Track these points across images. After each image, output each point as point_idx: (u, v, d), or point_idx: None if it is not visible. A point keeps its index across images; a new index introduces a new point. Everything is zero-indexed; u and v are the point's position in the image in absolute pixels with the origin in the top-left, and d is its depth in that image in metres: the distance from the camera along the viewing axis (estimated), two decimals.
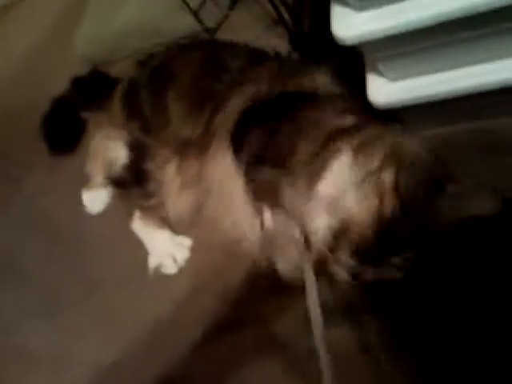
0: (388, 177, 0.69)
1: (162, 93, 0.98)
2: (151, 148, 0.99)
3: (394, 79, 0.82)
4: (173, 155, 0.96)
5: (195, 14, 1.26)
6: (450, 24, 0.67)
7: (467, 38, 0.72)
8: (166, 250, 0.98)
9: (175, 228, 1.01)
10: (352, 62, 0.88)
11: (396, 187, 0.68)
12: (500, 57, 0.75)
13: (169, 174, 0.97)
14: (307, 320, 0.72)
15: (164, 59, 1.05)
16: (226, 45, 1.03)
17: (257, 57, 0.96)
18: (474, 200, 0.66)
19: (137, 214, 1.02)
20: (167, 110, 0.96)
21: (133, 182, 1.01)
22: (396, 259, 0.68)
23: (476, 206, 0.65)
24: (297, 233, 0.75)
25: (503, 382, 0.66)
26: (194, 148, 0.92)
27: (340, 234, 0.71)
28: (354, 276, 0.71)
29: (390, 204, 0.68)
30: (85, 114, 1.20)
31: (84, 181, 1.15)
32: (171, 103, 0.96)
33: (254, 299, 0.84)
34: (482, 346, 0.68)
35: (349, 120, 0.78)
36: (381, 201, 0.68)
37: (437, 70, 0.79)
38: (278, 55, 0.97)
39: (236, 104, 0.87)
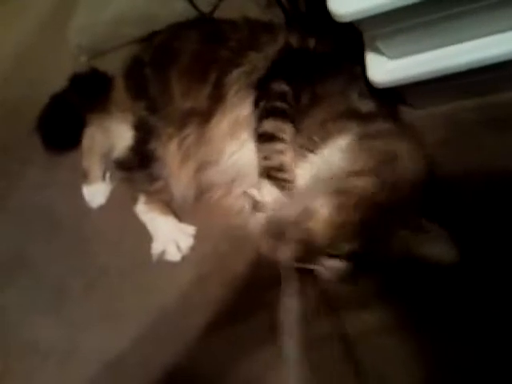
0: (361, 185, 0.70)
1: (165, 71, 0.99)
2: (156, 128, 0.99)
3: (394, 57, 0.80)
4: (174, 132, 0.97)
5: None
6: None
7: (467, 12, 0.70)
8: (170, 236, 0.97)
9: (180, 215, 1.01)
10: (350, 41, 0.87)
11: (362, 198, 0.69)
12: (501, 30, 0.73)
13: (170, 151, 0.97)
14: (312, 306, 0.75)
15: (166, 37, 1.07)
16: (226, 21, 1.04)
17: (261, 25, 0.99)
18: (432, 245, 0.67)
19: (141, 199, 1.02)
20: (170, 87, 0.98)
21: (138, 165, 1.01)
22: (328, 261, 0.70)
23: (432, 251, 0.67)
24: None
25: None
26: (196, 118, 0.94)
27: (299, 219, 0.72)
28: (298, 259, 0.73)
29: (348, 210, 0.69)
30: (83, 112, 1.19)
31: (82, 176, 1.15)
32: (174, 80, 0.98)
33: (259, 286, 0.84)
34: None
35: (369, 106, 0.82)
36: (342, 203, 0.69)
37: (437, 46, 0.78)
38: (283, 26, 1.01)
39: (256, 58, 0.91)
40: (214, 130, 0.91)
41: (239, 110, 0.89)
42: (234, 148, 0.89)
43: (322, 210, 0.71)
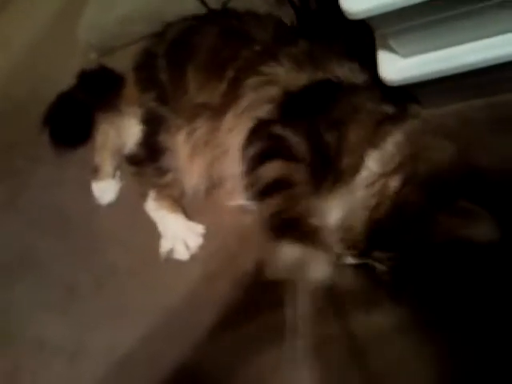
0: (394, 184, 0.71)
1: (182, 64, 0.99)
2: (166, 119, 0.99)
3: (406, 55, 0.80)
4: (184, 123, 0.97)
5: None
6: None
7: (479, 10, 0.69)
8: (179, 235, 0.97)
9: (189, 213, 1.00)
10: (361, 39, 0.87)
11: (397, 196, 0.70)
12: None
13: (179, 142, 0.97)
14: (320, 306, 0.75)
15: (183, 30, 1.06)
16: (249, 15, 1.02)
17: (287, 31, 0.98)
18: (472, 225, 0.67)
19: (151, 195, 1.02)
20: (185, 80, 0.97)
21: (147, 158, 1.02)
22: (378, 254, 0.71)
23: (473, 231, 0.67)
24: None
25: None
26: (207, 112, 0.93)
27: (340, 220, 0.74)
28: (338, 257, 0.75)
29: (386, 207, 0.70)
30: (92, 109, 1.20)
31: (92, 172, 1.15)
32: (190, 74, 0.97)
33: (267, 285, 0.83)
34: None
35: (389, 108, 0.81)
36: (379, 202, 0.71)
37: (449, 45, 0.77)
38: (306, 34, 0.97)
39: (275, 71, 0.88)
40: (226, 126, 0.90)
41: (253, 113, 0.88)
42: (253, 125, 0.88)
43: (359, 211, 0.73)
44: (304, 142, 0.80)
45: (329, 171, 0.78)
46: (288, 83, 0.87)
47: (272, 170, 0.80)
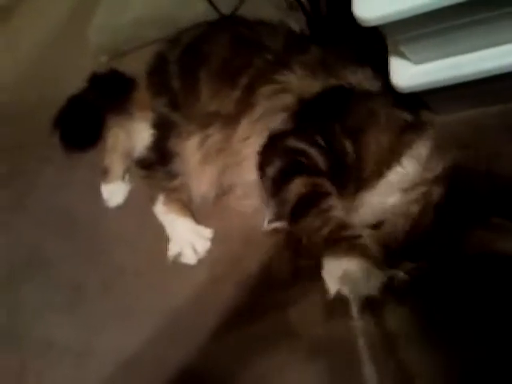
0: (437, 192, 0.71)
1: (194, 70, 0.99)
2: (177, 125, 1.00)
3: (418, 62, 0.80)
4: (196, 130, 0.97)
5: (210, 0, 1.24)
6: (473, 3, 0.65)
7: (491, 18, 0.69)
8: (187, 239, 0.97)
9: (197, 217, 1.00)
10: (372, 46, 0.87)
11: (440, 205, 0.69)
12: None
13: (190, 148, 0.97)
14: (325, 308, 0.74)
15: (197, 37, 1.06)
16: (261, 24, 1.02)
17: (298, 40, 0.97)
18: (506, 240, 0.67)
19: (160, 199, 1.02)
20: (198, 87, 0.98)
21: (157, 162, 1.02)
22: (409, 265, 0.70)
23: (507, 246, 0.67)
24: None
25: None
26: (220, 119, 0.93)
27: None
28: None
29: (427, 217, 0.70)
30: (102, 112, 1.21)
31: (102, 174, 1.15)
32: (202, 81, 0.97)
33: (272, 287, 0.84)
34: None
35: (406, 115, 0.80)
36: (420, 212, 0.70)
37: (461, 52, 0.77)
38: (318, 41, 0.97)
39: (287, 79, 0.88)
40: (240, 135, 0.90)
41: (267, 123, 0.87)
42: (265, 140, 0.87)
43: (397, 219, 0.72)
44: (322, 152, 0.78)
45: (349, 179, 0.77)
46: (302, 91, 0.86)
47: (297, 188, 0.77)
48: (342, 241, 0.74)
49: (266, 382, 0.77)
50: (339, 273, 0.74)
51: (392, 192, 0.74)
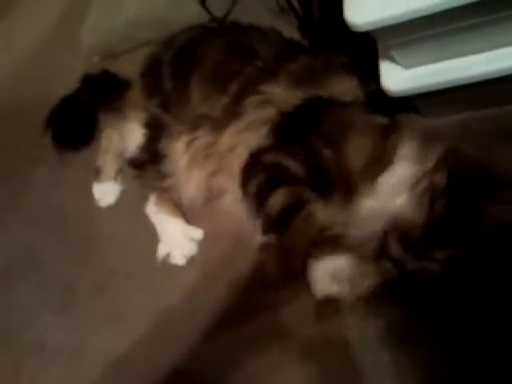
0: (440, 179, 0.71)
1: (186, 73, 0.99)
2: (168, 125, 1.00)
3: (409, 66, 0.81)
4: (185, 131, 0.97)
5: (202, 2, 1.25)
6: (463, 9, 0.65)
7: (482, 23, 0.70)
8: (176, 240, 0.97)
9: (189, 217, 1.01)
10: (363, 50, 0.87)
11: (447, 189, 0.70)
12: None
13: (179, 149, 0.98)
14: (317, 308, 0.75)
15: (190, 40, 1.07)
16: (254, 29, 1.02)
17: (289, 47, 0.97)
18: None
19: (152, 199, 1.03)
20: (189, 89, 0.98)
21: (149, 162, 1.02)
22: (438, 254, 0.70)
23: None
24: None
25: None
26: (208, 124, 0.94)
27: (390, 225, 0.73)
28: (396, 263, 0.73)
29: (439, 204, 0.70)
30: (94, 112, 1.21)
31: (94, 174, 1.15)
32: (194, 84, 0.98)
33: (263, 288, 0.84)
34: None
35: (382, 119, 0.80)
36: (431, 201, 0.71)
37: (451, 56, 0.78)
38: (308, 49, 0.99)
39: (272, 90, 0.88)
40: (226, 143, 0.91)
41: (251, 134, 0.88)
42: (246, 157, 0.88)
43: (412, 213, 0.72)
44: (299, 161, 0.79)
45: (334, 185, 0.77)
46: (283, 103, 0.86)
47: (278, 199, 0.79)
48: (325, 241, 0.76)
49: (257, 382, 0.77)
50: (326, 273, 0.76)
51: (398, 193, 0.75)
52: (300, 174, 0.79)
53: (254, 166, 0.85)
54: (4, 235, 1.20)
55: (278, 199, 0.79)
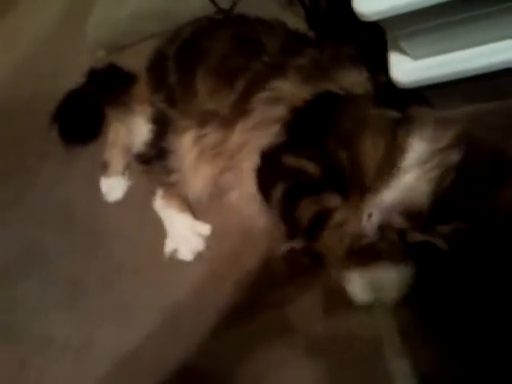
0: (455, 155, 0.70)
1: (191, 67, 0.98)
2: (174, 120, 0.99)
3: (418, 57, 0.80)
4: (192, 126, 0.96)
5: None
6: None
7: (492, 13, 0.69)
8: (183, 235, 0.97)
9: (196, 212, 1.00)
10: (372, 41, 0.86)
11: (460, 166, 0.69)
12: None
13: (185, 145, 0.97)
14: (323, 305, 0.75)
15: (195, 33, 1.06)
16: (260, 22, 1.01)
17: (295, 40, 0.96)
18: None
19: (159, 193, 1.02)
20: (195, 83, 0.97)
21: (155, 157, 1.02)
22: (445, 228, 0.68)
23: None
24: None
25: None
26: (216, 121, 0.92)
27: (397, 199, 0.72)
28: (401, 235, 0.72)
29: (449, 179, 0.69)
30: (101, 106, 1.21)
31: (101, 168, 1.15)
32: (199, 77, 0.97)
33: (270, 284, 0.84)
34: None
35: (394, 113, 0.78)
36: (441, 175, 0.70)
37: (461, 47, 0.77)
38: (315, 41, 0.97)
39: (281, 87, 0.87)
40: (235, 140, 0.89)
41: (262, 132, 0.86)
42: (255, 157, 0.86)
43: (420, 186, 0.71)
44: (319, 166, 0.77)
45: (351, 187, 0.76)
46: (294, 98, 0.85)
47: (306, 209, 0.77)
48: (362, 251, 0.74)
49: (264, 379, 0.77)
50: (367, 283, 0.74)
51: (410, 168, 0.74)
52: (319, 176, 0.77)
53: (272, 168, 0.83)
54: (11, 231, 1.20)
55: (306, 208, 0.77)
